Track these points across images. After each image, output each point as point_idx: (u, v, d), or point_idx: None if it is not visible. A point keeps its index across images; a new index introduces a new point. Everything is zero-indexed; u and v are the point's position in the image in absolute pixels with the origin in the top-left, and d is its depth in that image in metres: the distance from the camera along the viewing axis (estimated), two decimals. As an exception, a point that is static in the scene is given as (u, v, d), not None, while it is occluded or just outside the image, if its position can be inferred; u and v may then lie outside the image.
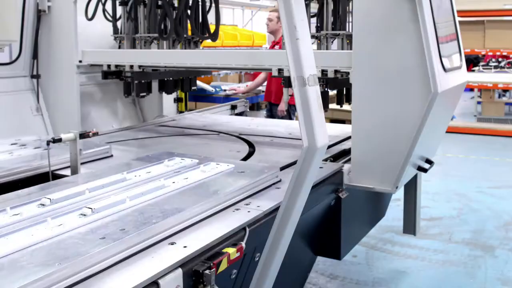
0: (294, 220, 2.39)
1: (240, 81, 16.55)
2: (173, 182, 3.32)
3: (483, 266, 5.89)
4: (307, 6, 4.90)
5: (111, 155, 4.58)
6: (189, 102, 11.22)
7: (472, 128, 14.71)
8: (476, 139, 13.63)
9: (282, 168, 4.00)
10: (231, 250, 2.64)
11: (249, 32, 17.72)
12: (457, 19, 5.09)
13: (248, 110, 9.71)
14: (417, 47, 3.81)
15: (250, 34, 16.33)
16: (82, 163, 4.16)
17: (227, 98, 10.55)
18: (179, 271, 2.36)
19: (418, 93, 3.84)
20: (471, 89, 18.01)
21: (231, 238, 2.76)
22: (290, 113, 9.14)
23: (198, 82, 9.98)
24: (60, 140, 3.74)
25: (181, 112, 7.60)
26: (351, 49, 4.14)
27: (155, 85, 6.13)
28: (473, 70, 17.88)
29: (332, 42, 4.93)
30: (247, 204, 3.17)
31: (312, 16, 5.02)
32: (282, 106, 9.13)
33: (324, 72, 4.36)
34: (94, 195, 3.07)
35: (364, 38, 4.01)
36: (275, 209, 3.22)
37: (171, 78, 6.09)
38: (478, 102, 18.05)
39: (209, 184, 3.40)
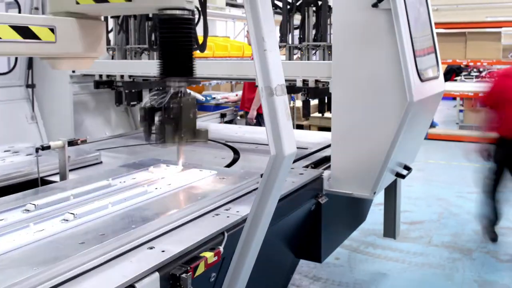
0: (263, 227, 2.35)
1: (231, 90, 16.53)
2: (156, 188, 3.29)
3: (460, 268, 5.87)
4: (291, 18, 4.90)
5: (101, 162, 4.55)
6: (184, 111, 11.15)
7: (454, 136, 14.72)
8: (458, 146, 13.62)
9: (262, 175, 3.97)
10: (208, 254, 2.61)
11: (240, 43, 17.69)
12: (435, 31, 5.09)
13: (238, 118, 9.71)
14: (393, 57, 3.80)
15: (240, 45, 16.31)
16: (72, 170, 4.15)
17: (217, 107, 10.53)
18: (156, 275, 2.33)
19: (395, 102, 3.83)
20: (454, 98, 18.02)
21: (210, 243, 2.74)
22: (259, 122, 9.24)
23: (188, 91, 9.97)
24: (48, 147, 3.72)
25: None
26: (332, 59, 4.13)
27: (146, 94, 6.12)
28: (456, 80, 17.92)
29: (315, 53, 4.91)
30: (227, 210, 3.15)
31: (296, 28, 5.01)
32: (252, 114, 9.30)
33: (305, 81, 4.36)
34: (78, 201, 3.05)
35: (343, 49, 4.00)
36: (254, 214, 3.21)
37: (160, 88, 6.07)
38: (460, 111, 18.10)
39: (191, 190, 3.37)
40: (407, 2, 4.03)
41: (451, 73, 20.68)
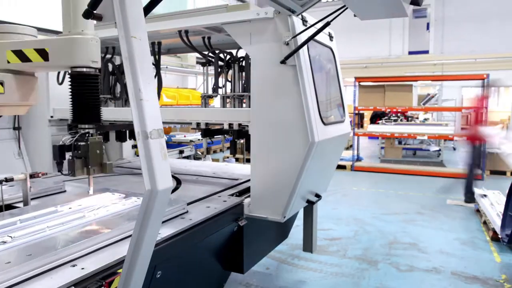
0: (144, 255, 2.19)
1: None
2: (94, 214, 3.17)
3: (367, 277, 5.78)
4: (222, 73, 4.85)
5: (65, 191, 4.40)
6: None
7: (376, 168, 14.78)
8: (379, 176, 13.67)
9: (191, 203, 3.89)
10: (124, 271, 2.49)
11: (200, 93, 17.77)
12: (342, 82, 5.08)
13: (198, 153, 9.61)
14: (299, 105, 3.77)
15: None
16: (38, 197, 4.03)
17: (178, 145, 10.44)
18: (72, 289, 2.21)
19: (300, 142, 3.79)
20: (377, 137, 18.14)
21: (130, 260, 2.62)
22: None
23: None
24: (12, 179, 3.60)
25: (138, 155, 7.46)
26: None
27: (112, 134, 6.03)
28: (378, 123, 18.12)
29: (244, 101, 4.86)
30: (151, 232, 3.03)
31: (229, 81, 4.96)
32: None
33: (231, 125, 4.30)
34: (23, 225, 2.92)
35: (259, 98, 3.97)
36: (175, 235, 3.10)
37: (123, 130, 5.99)
38: (382, 147, 18.25)
39: (125, 215, 3.26)
40: (313, 60, 4.01)
41: (376, 117, 20.93)
